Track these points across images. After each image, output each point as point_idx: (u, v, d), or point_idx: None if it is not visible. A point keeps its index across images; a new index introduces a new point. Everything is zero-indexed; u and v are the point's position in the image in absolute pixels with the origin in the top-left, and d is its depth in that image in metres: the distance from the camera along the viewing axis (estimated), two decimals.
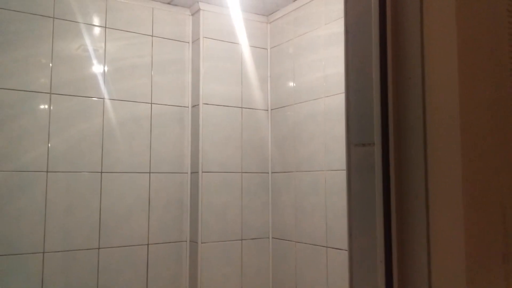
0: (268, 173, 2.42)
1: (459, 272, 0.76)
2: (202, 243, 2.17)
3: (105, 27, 2.10)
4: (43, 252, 1.88)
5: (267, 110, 2.45)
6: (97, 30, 2.09)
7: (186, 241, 2.24)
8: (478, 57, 0.76)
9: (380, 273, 0.86)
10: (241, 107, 2.35)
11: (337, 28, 2.04)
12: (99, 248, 2.01)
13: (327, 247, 2.04)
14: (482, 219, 0.78)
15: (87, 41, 2.06)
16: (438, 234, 0.78)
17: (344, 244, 1.92)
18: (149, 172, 2.17)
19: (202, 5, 2.27)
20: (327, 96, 2.07)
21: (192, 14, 2.35)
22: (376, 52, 0.80)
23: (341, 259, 1.95)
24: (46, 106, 1.95)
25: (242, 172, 2.32)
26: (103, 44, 2.09)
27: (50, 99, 1.95)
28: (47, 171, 1.92)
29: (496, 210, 0.80)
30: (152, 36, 2.23)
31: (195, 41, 2.31)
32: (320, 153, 2.11)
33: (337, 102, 2.03)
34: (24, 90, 1.90)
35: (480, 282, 0.76)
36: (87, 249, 1.98)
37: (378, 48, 0.79)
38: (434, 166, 0.80)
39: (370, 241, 0.86)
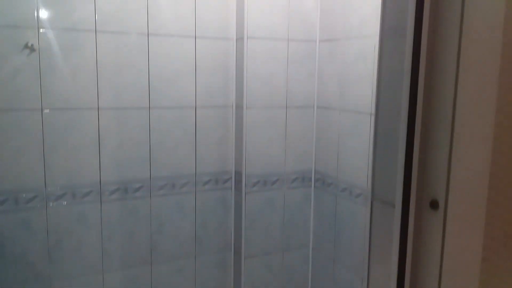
0: (315, 41, 2.35)
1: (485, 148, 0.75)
2: (247, 108, 2.22)
3: None
4: (98, 108, 2.00)
5: None
6: None
7: (232, 106, 2.30)
8: None
9: (402, 130, 0.87)
10: None
11: None
12: (149, 108, 2.11)
13: (371, 114, 2.03)
14: None
15: None
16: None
17: None
18: (195, 37, 2.16)
19: None
20: None
21: None
22: None
23: None
24: None
25: (288, 40, 2.27)
26: None
27: None
28: (95, 31, 1.96)
29: None
30: None
31: None
32: (371, 18, 2.00)
33: None
34: None
35: None
36: (138, 108, 2.09)
37: None
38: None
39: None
